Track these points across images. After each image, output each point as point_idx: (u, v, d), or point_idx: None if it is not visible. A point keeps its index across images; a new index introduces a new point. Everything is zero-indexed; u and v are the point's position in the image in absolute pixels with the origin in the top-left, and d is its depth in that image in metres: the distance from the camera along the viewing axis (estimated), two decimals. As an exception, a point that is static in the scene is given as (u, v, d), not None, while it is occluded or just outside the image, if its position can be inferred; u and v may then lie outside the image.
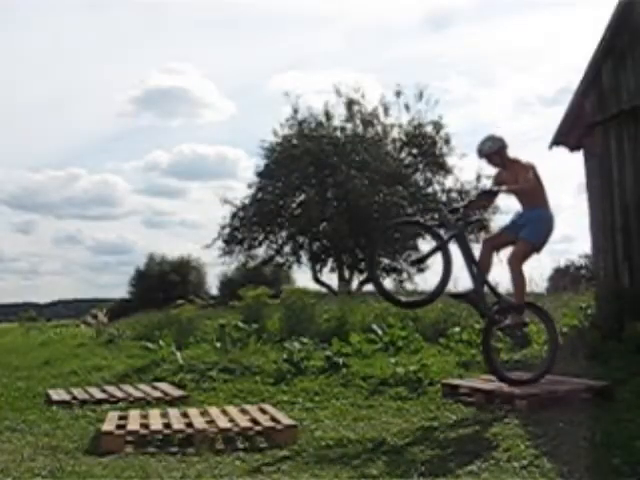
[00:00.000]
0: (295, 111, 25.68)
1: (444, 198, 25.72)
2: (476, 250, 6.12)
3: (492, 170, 6.44)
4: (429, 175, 26.17)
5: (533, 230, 5.94)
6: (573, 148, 9.10)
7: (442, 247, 5.77)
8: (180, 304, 12.36)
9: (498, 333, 6.73)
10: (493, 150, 6.06)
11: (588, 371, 6.53)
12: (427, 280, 33.00)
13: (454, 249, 5.86)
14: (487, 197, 6.29)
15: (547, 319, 6.31)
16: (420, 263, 6.10)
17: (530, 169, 5.92)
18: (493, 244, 6.16)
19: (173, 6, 76.26)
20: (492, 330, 6.12)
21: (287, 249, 25.93)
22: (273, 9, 68.67)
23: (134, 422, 5.18)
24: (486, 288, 6.02)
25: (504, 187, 6.00)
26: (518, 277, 5.97)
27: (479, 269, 5.93)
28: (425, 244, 25.90)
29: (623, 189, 8.39)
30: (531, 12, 66.41)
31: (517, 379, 6.01)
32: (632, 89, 8.15)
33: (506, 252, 6.08)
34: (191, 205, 68.24)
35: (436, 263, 5.98)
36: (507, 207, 33.27)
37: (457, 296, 6.25)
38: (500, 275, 6.36)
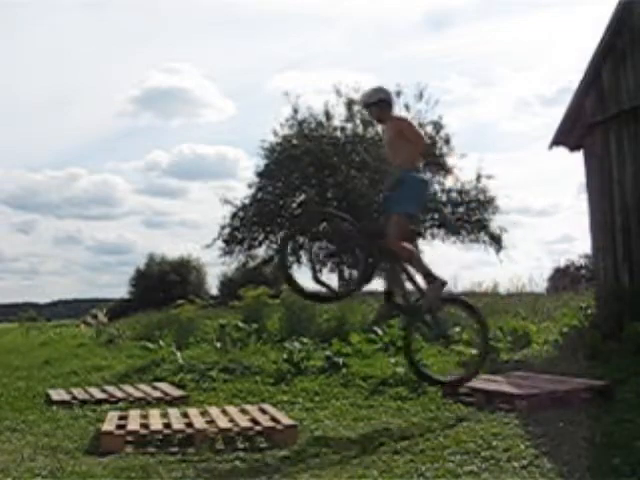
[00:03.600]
0: (295, 111, 25.69)
1: (444, 198, 25.74)
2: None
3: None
4: (429, 175, 26.16)
5: (406, 198, 5.44)
6: (573, 148, 9.11)
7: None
8: (180, 304, 12.35)
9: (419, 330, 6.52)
10: (372, 101, 5.80)
11: (588, 371, 6.53)
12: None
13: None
14: None
15: (475, 314, 6.09)
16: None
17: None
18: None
19: (173, 6, 76.25)
20: (412, 333, 5.98)
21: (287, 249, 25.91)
22: (273, 9, 68.74)
23: (134, 422, 5.18)
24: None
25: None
26: (408, 254, 5.54)
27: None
28: (425, 244, 25.95)
29: (623, 189, 8.40)
30: (531, 12, 66.43)
31: (442, 380, 5.92)
32: (632, 89, 8.15)
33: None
34: (191, 205, 68.34)
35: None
36: (507, 206, 32.96)
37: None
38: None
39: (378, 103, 5.80)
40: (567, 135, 8.96)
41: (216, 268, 30.30)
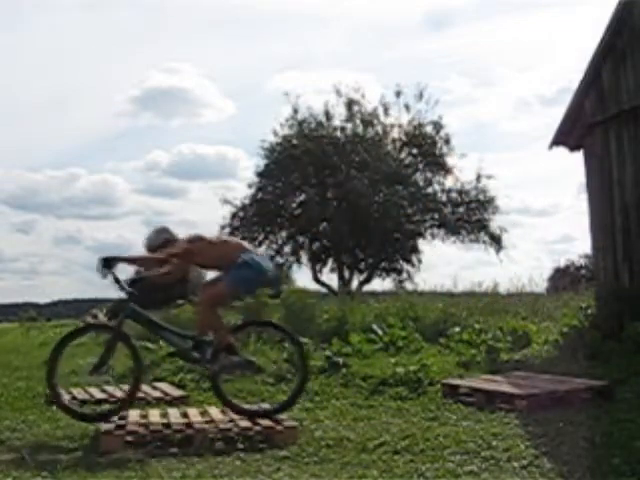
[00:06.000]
0: (295, 111, 25.74)
1: (444, 198, 25.76)
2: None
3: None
4: (429, 175, 26.20)
5: (237, 275, 5.54)
6: (573, 148, 9.12)
7: (117, 338, 5.46)
8: (180, 304, 12.31)
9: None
10: (157, 244, 5.82)
11: (588, 371, 6.54)
12: (427, 280, 32.94)
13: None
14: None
15: (292, 340, 5.66)
16: (99, 368, 5.73)
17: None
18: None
19: (173, 6, 76.19)
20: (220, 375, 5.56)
21: (287, 249, 25.95)
22: (273, 9, 68.60)
23: (134, 422, 5.17)
24: None
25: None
26: (209, 318, 5.54)
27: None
28: (425, 244, 25.99)
29: (623, 189, 8.41)
30: (531, 12, 66.29)
31: (255, 410, 5.45)
32: (632, 89, 8.16)
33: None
34: (191, 205, 68.10)
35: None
36: (507, 206, 33.01)
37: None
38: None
39: (165, 244, 5.78)
40: (567, 135, 8.97)
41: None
